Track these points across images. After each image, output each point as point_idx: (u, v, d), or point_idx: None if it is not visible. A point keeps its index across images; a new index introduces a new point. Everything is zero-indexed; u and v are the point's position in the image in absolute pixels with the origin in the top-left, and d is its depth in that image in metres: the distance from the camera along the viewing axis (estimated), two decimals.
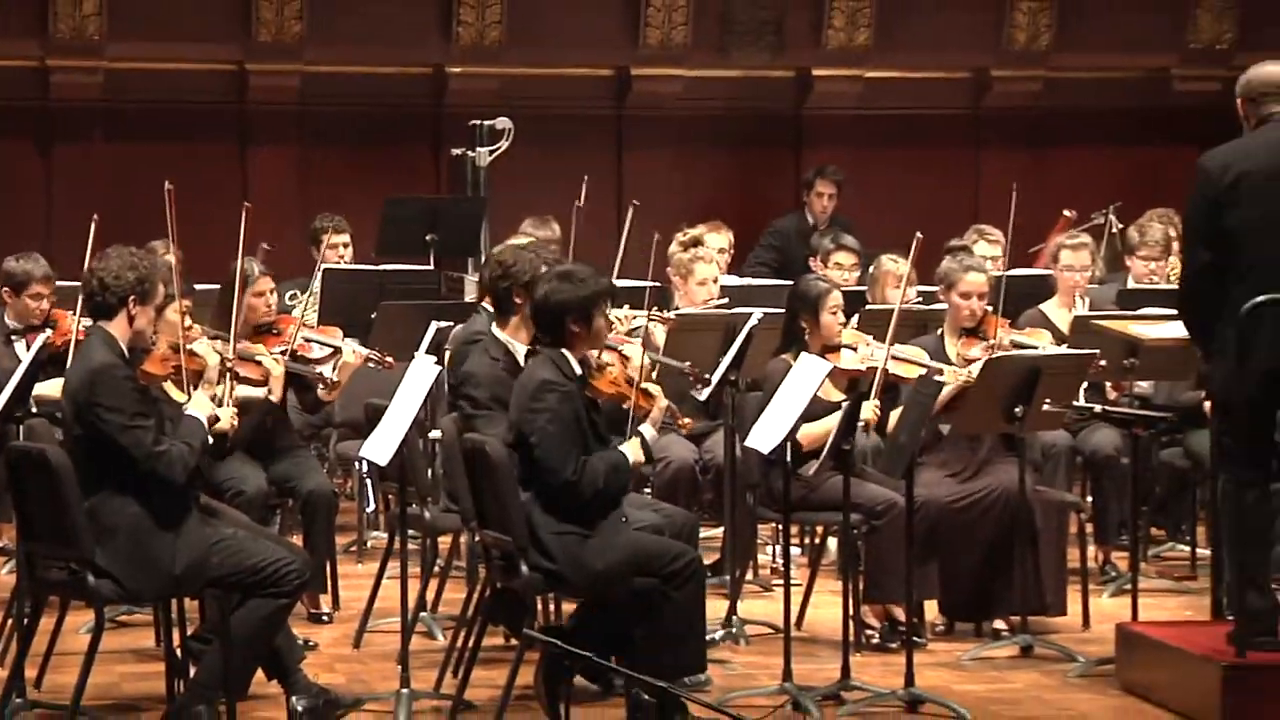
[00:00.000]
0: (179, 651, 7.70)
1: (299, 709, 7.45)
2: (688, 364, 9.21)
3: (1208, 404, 8.35)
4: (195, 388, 7.69)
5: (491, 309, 8.49)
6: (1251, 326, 7.37)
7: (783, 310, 9.07)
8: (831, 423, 7.97)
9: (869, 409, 8.43)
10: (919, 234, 8.60)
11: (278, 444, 9.07)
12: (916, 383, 8.57)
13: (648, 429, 7.83)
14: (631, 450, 7.63)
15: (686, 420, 8.75)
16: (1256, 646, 7.44)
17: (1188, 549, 10.45)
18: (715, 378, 9.14)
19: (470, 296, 11.22)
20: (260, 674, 7.49)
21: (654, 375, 8.48)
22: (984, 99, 14.57)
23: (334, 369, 9.17)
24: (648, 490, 9.67)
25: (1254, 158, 7.55)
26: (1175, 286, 10.74)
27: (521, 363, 7.99)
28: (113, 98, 13.65)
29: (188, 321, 8.17)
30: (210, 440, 7.41)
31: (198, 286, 9.02)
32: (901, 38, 14.23)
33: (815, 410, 7.99)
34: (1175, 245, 11.32)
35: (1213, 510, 8.52)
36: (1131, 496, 9.40)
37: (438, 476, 8.70)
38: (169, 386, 7.79)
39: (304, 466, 9.21)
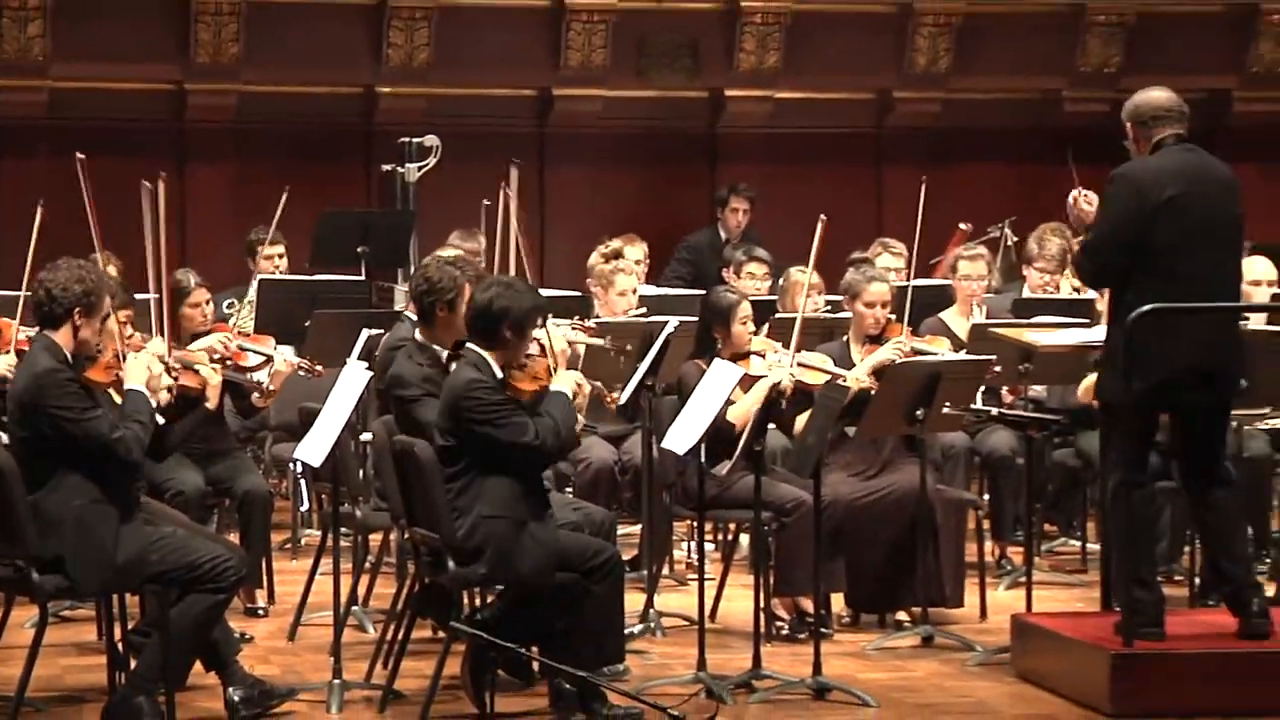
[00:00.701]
0: (120, 645, 7.66)
1: (235, 699, 7.40)
2: (608, 338, 9.18)
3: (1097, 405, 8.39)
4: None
5: (415, 316, 8.51)
6: (1143, 337, 7.41)
7: (696, 319, 9.08)
8: (758, 396, 7.98)
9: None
10: (823, 215, 8.61)
11: (215, 447, 9.04)
12: (823, 387, 8.58)
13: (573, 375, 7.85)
14: (562, 382, 7.58)
15: (614, 396, 8.76)
16: (1143, 636, 7.49)
17: (1078, 544, 10.51)
18: (633, 383, 9.14)
19: (400, 305, 11.18)
20: (198, 666, 7.44)
21: (579, 363, 8.46)
22: (887, 119, 14.62)
23: (268, 375, 9.14)
24: (569, 490, 9.67)
25: (1178, 179, 7.58)
26: (1068, 297, 10.88)
27: (443, 362, 7.99)
28: (57, 116, 13.55)
29: (129, 330, 8.12)
30: (156, 411, 7.36)
31: (137, 297, 8.96)
32: (809, 61, 14.26)
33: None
34: (1069, 258, 11.40)
35: (1101, 507, 8.57)
36: (1026, 494, 9.47)
37: (368, 477, 8.67)
38: (113, 394, 7.73)
39: (240, 468, 9.19)
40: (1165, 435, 7.88)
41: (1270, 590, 8.62)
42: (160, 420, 7.56)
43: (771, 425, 8.50)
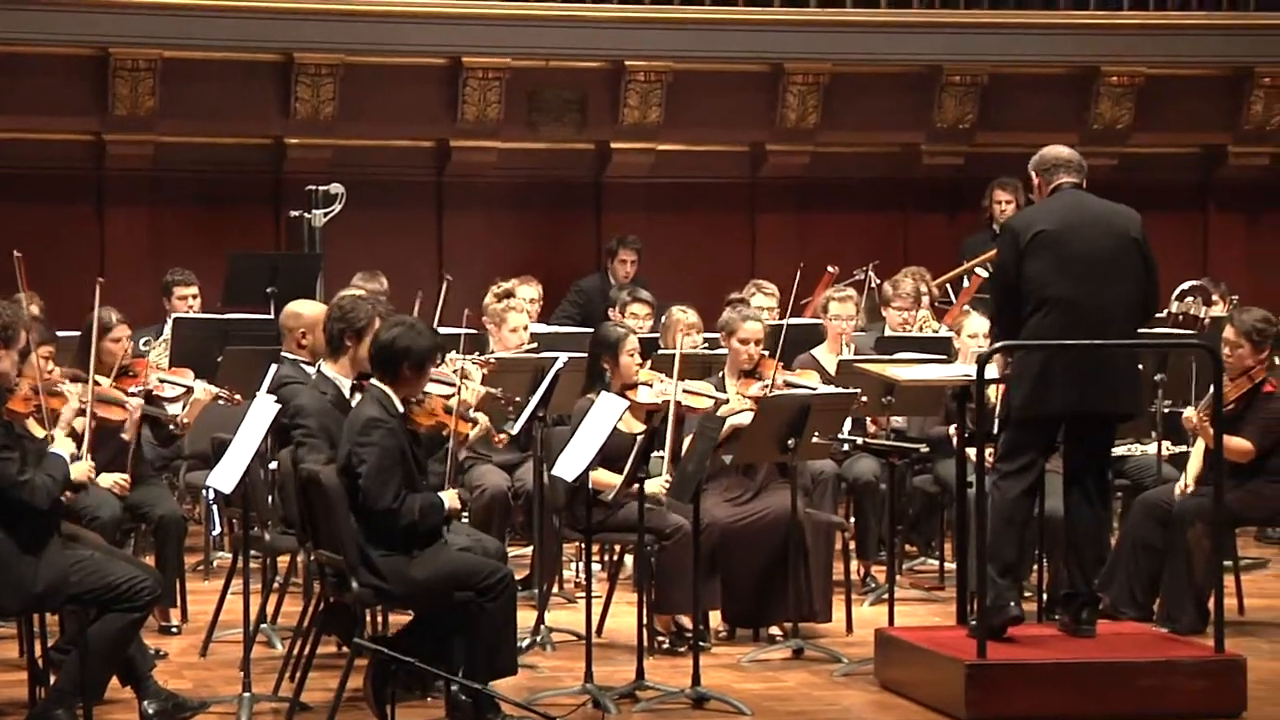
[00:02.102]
0: (41, 661, 7.55)
1: (149, 712, 7.32)
2: (500, 390, 9.18)
3: (953, 432, 8.51)
4: (55, 425, 7.55)
5: (294, 356, 8.69)
6: (1052, 365, 7.69)
7: (585, 355, 9.08)
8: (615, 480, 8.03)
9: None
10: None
11: (133, 474, 8.94)
12: (702, 418, 8.60)
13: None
14: (449, 497, 7.58)
15: (502, 436, 8.72)
16: (1001, 616, 7.61)
17: (937, 563, 10.56)
18: (525, 414, 9.12)
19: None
20: (115, 680, 7.35)
21: (473, 406, 8.45)
22: (760, 169, 14.68)
23: (184, 407, 9.07)
24: (465, 516, 9.62)
25: (1052, 216, 7.87)
26: (926, 335, 10.98)
27: (346, 396, 7.96)
28: None
29: (49, 365, 8.03)
30: (71, 482, 7.27)
31: (60, 334, 8.87)
32: (688, 115, 14.30)
33: (618, 441, 7.99)
34: (925, 299, 11.50)
35: (958, 529, 8.63)
36: (889, 517, 9.51)
37: (276, 502, 8.60)
38: (30, 424, 7.64)
39: (156, 494, 9.11)
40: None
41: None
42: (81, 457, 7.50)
43: (659, 454, 8.50)
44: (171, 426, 8.99)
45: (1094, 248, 7.80)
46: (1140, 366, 8.13)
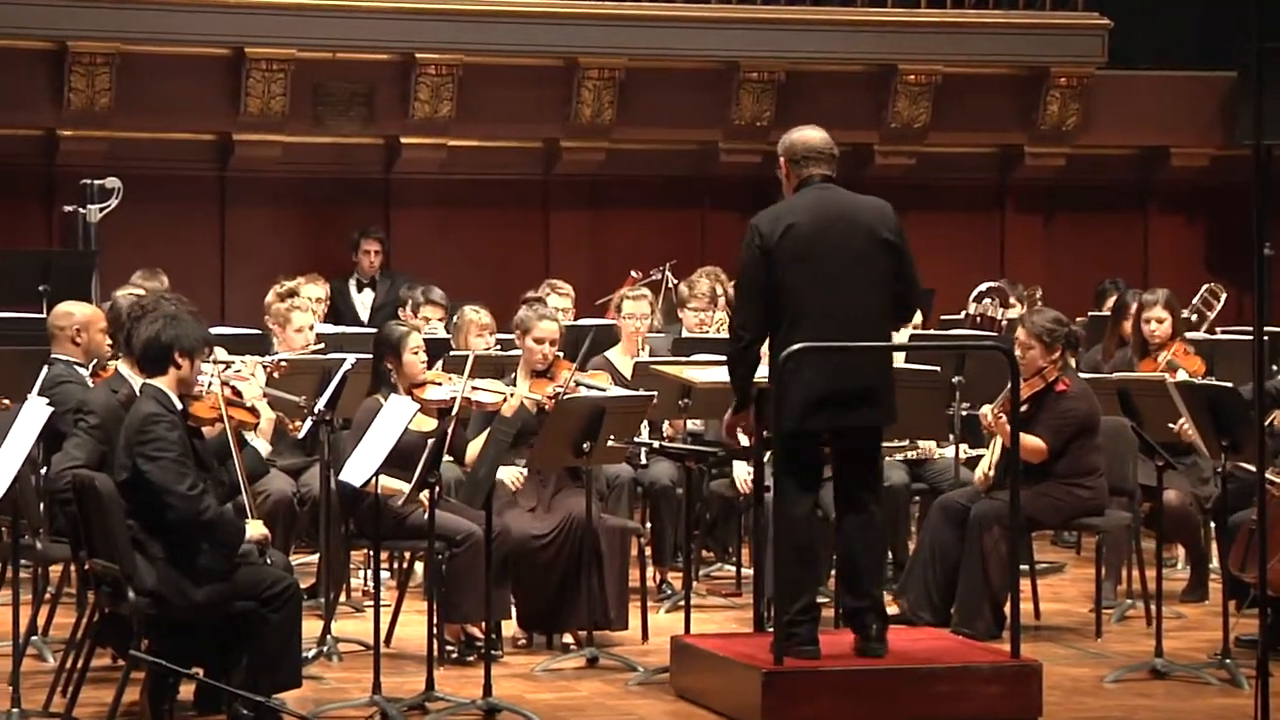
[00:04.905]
0: None
1: None
2: (302, 397, 9.09)
3: (745, 441, 8.47)
4: None
5: (67, 356, 8.67)
6: (796, 369, 7.53)
7: (370, 355, 9.04)
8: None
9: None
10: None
11: None
12: (496, 421, 8.59)
13: (261, 443, 7.79)
14: (252, 527, 7.49)
15: (297, 423, 8.65)
16: (796, 654, 7.60)
17: (734, 569, 10.63)
18: (310, 417, 9.04)
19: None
20: None
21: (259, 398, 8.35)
22: (554, 166, 14.71)
23: None
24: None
25: (799, 216, 7.65)
26: (724, 336, 11.04)
27: (139, 394, 7.85)
28: None
29: None
30: None
31: None
32: (480, 110, 14.29)
33: (407, 441, 7.94)
34: (721, 299, 11.58)
35: (755, 534, 8.70)
36: (685, 522, 9.56)
37: (48, 510, 8.45)
38: None
39: None
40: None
41: (893, 609, 8.81)
42: None
43: (448, 457, 8.47)
44: None
45: (844, 251, 7.59)
46: (891, 367, 7.97)
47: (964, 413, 9.89)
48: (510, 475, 7.48)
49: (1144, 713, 7.97)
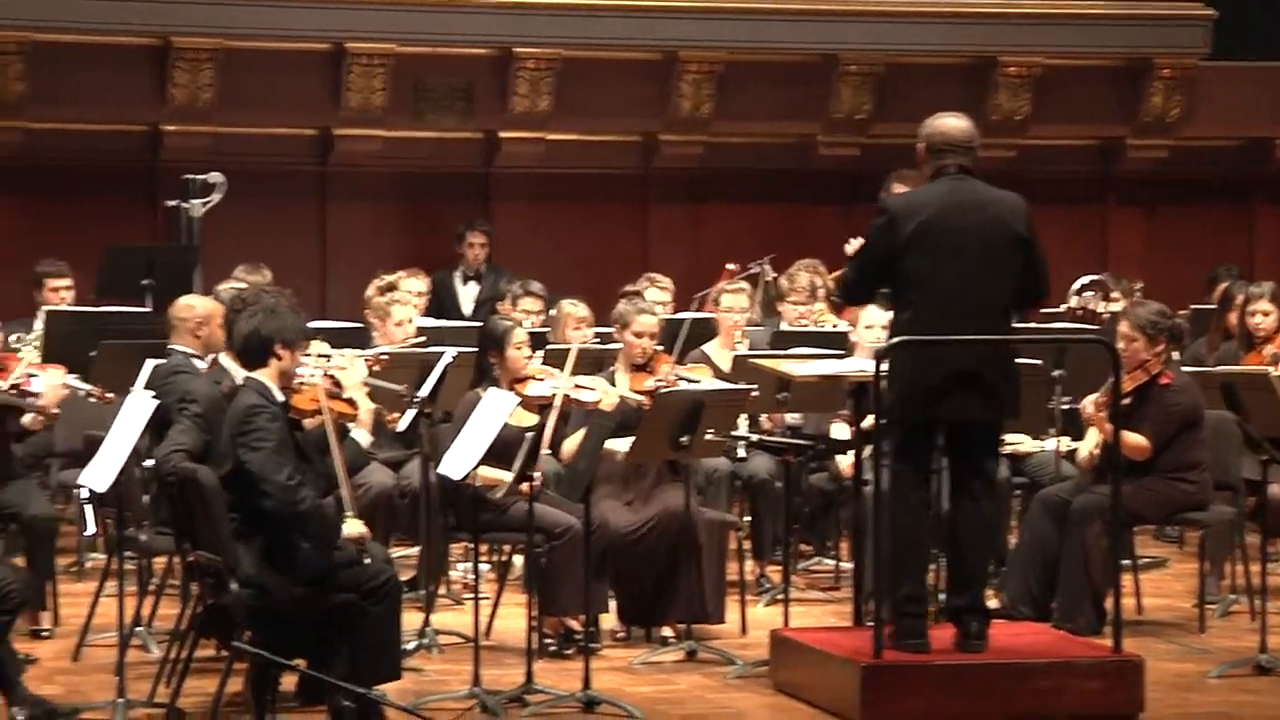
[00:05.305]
0: None
1: (19, 718, 7.25)
2: (403, 386, 9.15)
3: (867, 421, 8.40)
4: None
5: (185, 348, 8.81)
6: (912, 357, 7.59)
7: (472, 349, 9.08)
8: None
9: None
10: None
11: (1, 472, 8.85)
12: (595, 414, 8.62)
13: (362, 435, 7.81)
14: (351, 525, 7.54)
15: (395, 415, 8.69)
16: (905, 647, 7.59)
17: (833, 563, 10.62)
18: (411, 410, 9.10)
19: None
20: None
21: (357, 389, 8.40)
22: (653, 160, 14.72)
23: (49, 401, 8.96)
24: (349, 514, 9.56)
25: (931, 206, 7.70)
26: (824, 330, 11.03)
27: (240, 386, 7.92)
28: None
29: None
30: None
31: None
32: (579, 104, 14.31)
33: (507, 436, 7.98)
34: (820, 291, 11.56)
35: (853, 528, 8.68)
36: (784, 516, 9.56)
37: (153, 502, 8.54)
38: None
39: (26, 493, 9.02)
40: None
41: (993, 603, 8.77)
42: None
43: (546, 451, 8.51)
44: (29, 416, 8.88)
45: (972, 244, 7.64)
46: (1015, 361, 7.97)
47: (1064, 407, 9.83)
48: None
49: (1247, 709, 7.90)
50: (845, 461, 9.78)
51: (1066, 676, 7.61)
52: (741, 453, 9.83)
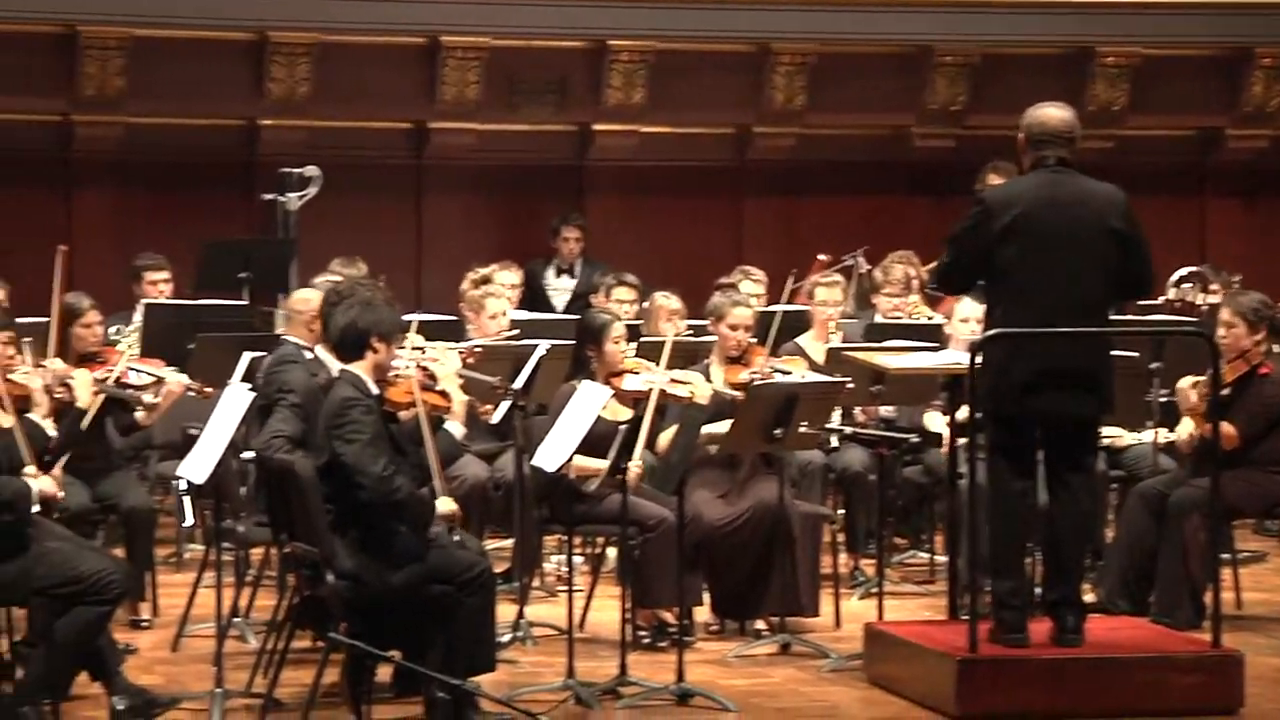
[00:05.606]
0: (8, 655, 7.55)
1: (119, 708, 7.33)
2: (497, 378, 9.18)
3: (962, 414, 8.35)
4: (27, 412, 7.56)
5: (297, 339, 8.72)
6: (1009, 351, 7.54)
7: (566, 341, 9.10)
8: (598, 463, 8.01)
9: None
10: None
11: (101, 464, 8.95)
12: (686, 407, 8.61)
13: (456, 426, 7.81)
14: (443, 503, 7.58)
15: (488, 407, 8.70)
16: (1005, 641, 7.55)
17: (927, 556, 10.58)
18: (506, 403, 9.13)
19: (280, 329, 11.11)
20: (84, 675, 7.36)
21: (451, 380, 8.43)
22: (746, 152, 14.69)
23: (156, 395, 9.05)
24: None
25: (1027, 199, 7.67)
26: (919, 322, 10.99)
27: (336, 378, 7.97)
28: None
29: (10, 352, 8.03)
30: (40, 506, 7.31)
31: (32, 320, 8.88)
32: (673, 97, 14.30)
33: (601, 429, 7.99)
34: (915, 284, 11.52)
35: (949, 521, 8.63)
36: (878, 509, 9.53)
37: (250, 493, 8.61)
38: None
39: (125, 485, 9.12)
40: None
41: (1090, 598, 8.71)
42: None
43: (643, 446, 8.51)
44: (138, 410, 8.98)
45: (1068, 237, 7.58)
46: (1111, 355, 7.90)
47: (1162, 399, 9.75)
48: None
49: None
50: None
51: (1165, 671, 7.56)
52: (835, 444, 9.81)
